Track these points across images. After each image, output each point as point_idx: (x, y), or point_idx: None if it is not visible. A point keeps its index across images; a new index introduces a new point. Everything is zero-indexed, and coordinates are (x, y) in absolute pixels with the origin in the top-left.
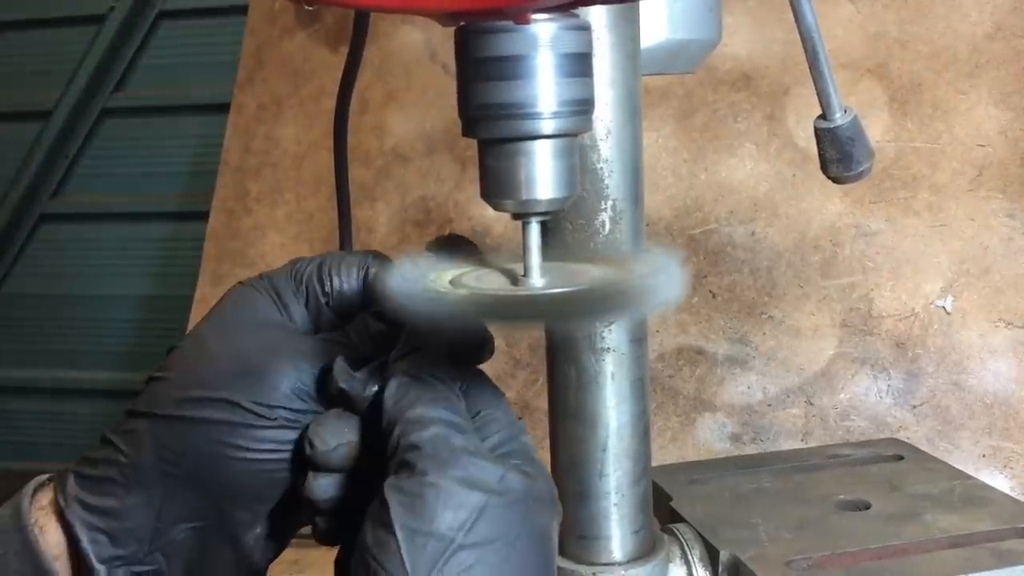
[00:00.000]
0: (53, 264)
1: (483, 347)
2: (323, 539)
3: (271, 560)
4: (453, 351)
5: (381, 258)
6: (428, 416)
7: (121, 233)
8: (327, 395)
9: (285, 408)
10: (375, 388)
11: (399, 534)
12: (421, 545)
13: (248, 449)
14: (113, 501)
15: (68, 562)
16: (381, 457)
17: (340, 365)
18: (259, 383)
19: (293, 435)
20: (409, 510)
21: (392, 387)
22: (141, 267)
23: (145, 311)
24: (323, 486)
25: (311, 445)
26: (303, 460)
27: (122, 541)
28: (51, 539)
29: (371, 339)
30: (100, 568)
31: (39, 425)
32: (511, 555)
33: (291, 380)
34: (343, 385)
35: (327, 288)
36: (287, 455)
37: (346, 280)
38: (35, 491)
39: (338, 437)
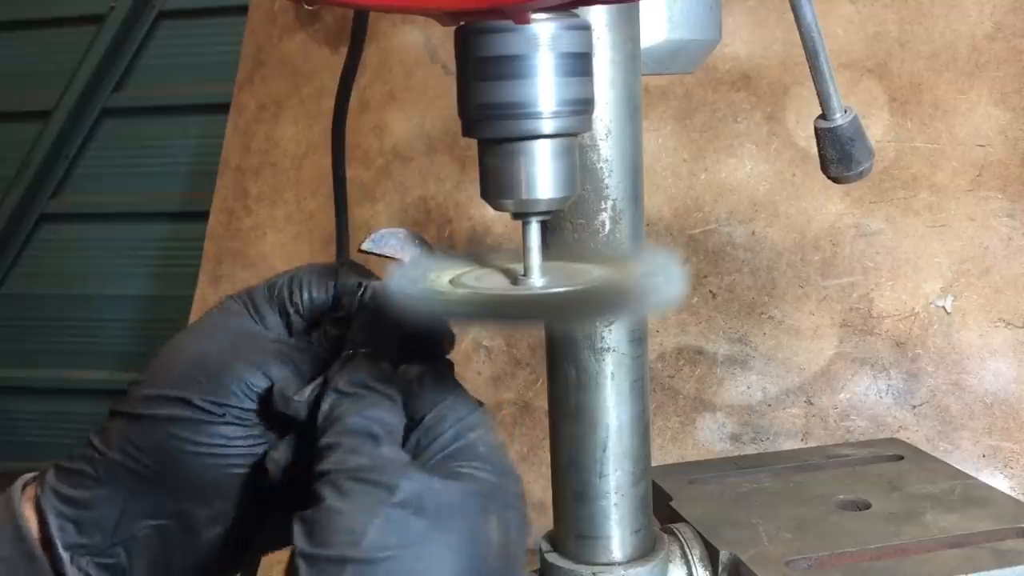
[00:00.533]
0: (53, 264)
1: (440, 340)
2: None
3: (235, 567)
4: (408, 346)
5: (353, 267)
6: (341, 441)
7: (121, 233)
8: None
9: (235, 406)
10: (313, 403)
11: (300, 564)
12: (319, 571)
13: (199, 443)
14: (83, 492)
15: (45, 551)
16: None
17: (278, 388)
18: (211, 382)
19: (243, 432)
20: (308, 537)
21: (324, 407)
22: (141, 267)
23: (145, 311)
24: (277, 456)
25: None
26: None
27: (87, 531)
28: (34, 527)
29: (330, 344)
30: (64, 555)
31: (39, 425)
32: (415, 565)
33: (242, 380)
34: (280, 409)
35: (295, 299)
36: (240, 451)
37: (316, 290)
38: (24, 485)
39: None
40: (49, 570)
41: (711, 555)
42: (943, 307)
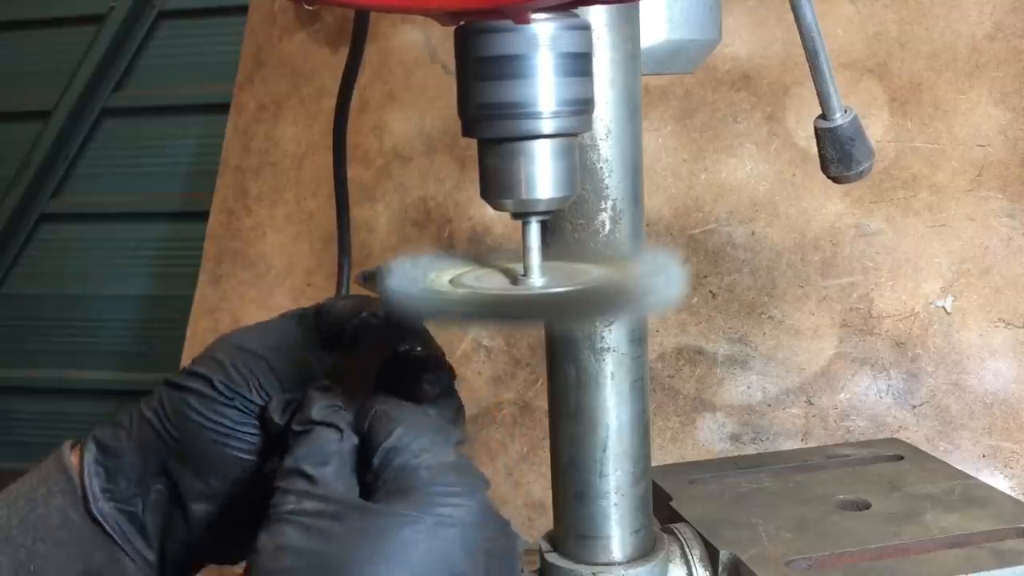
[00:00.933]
0: (53, 264)
1: (433, 369)
2: None
3: (224, 558)
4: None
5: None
6: (279, 485)
7: (121, 233)
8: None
9: (244, 396)
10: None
11: None
12: None
13: (205, 417)
14: (116, 442)
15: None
16: None
17: (268, 407)
18: (234, 370)
19: (246, 420)
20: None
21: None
22: (141, 267)
23: (145, 311)
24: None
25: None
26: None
27: (114, 477)
28: (76, 471)
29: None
30: (94, 494)
31: (39, 425)
32: None
33: (261, 377)
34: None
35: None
36: (240, 435)
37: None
38: (73, 444)
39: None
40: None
41: (711, 555)
42: (943, 307)
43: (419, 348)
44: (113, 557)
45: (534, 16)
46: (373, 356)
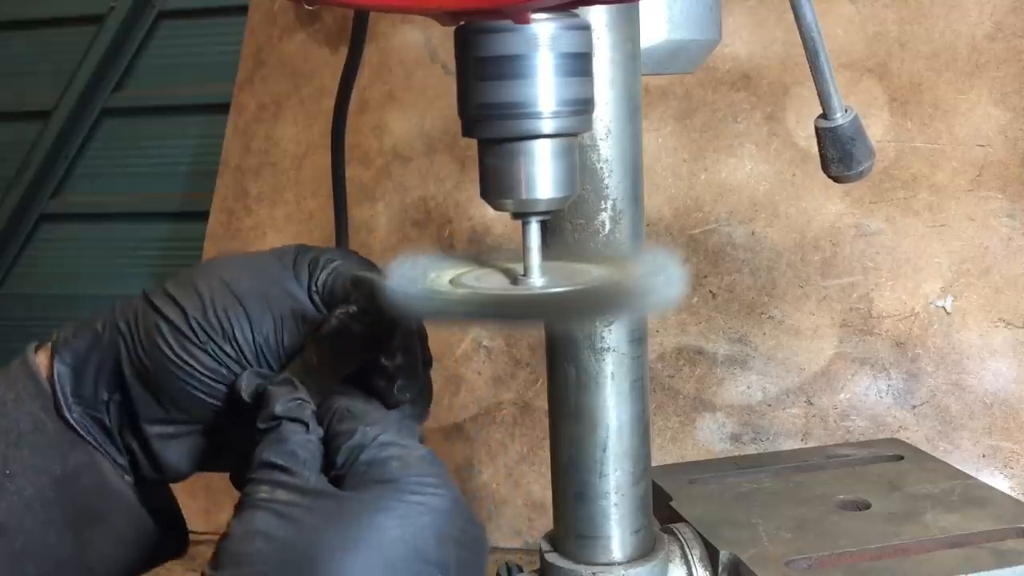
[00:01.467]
0: (53, 264)
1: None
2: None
3: (182, 475)
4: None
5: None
6: (252, 476)
7: (121, 233)
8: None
9: (215, 343)
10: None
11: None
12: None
13: (173, 351)
14: (84, 344)
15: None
16: None
17: (238, 380)
18: (212, 311)
19: (213, 364)
20: (210, 563)
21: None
22: (141, 267)
23: None
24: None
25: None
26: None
27: (82, 383)
28: (44, 371)
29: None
30: (65, 398)
31: None
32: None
33: (236, 326)
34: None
35: (320, 280)
36: (203, 378)
37: (338, 286)
38: (37, 347)
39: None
40: (55, 412)
41: (711, 555)
42: (943, 307)
43: (398, 356)
44: (89, 458)
45: (534, 16)
46: (347, 357)
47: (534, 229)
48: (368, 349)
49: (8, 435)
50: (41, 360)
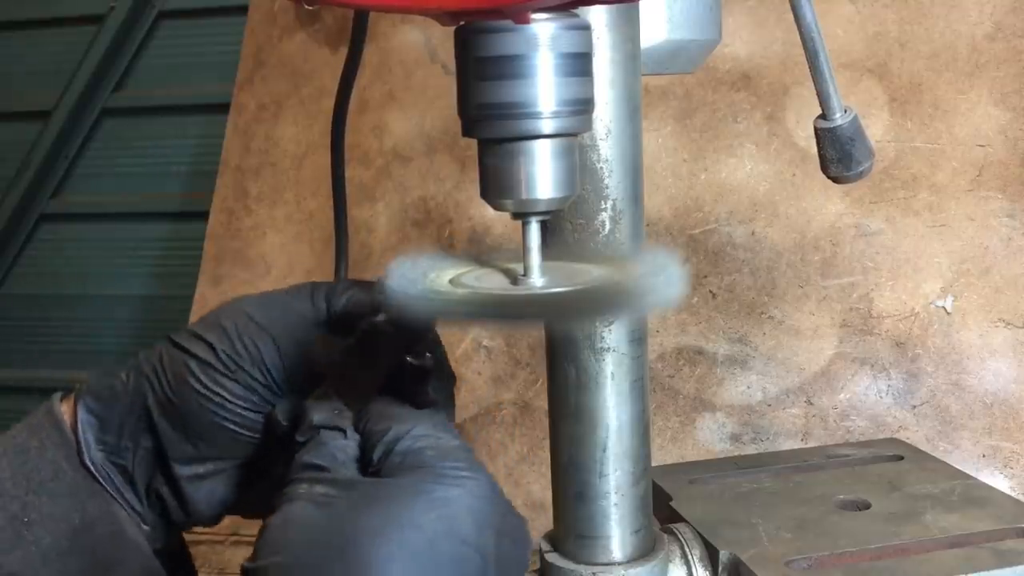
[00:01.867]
0: (53, 264)
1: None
2: None
3: (212, 517)
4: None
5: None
6: (293, 476)
7: (121, 233)
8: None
9: (245, 371)
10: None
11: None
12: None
13: (203, 385)
14: (111, 394)
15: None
16: None
17: (273, 410)
18: (239, 342)
19: (242, 393)
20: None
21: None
22: (141, 267)
23: (145, 311)
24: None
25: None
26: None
27: (106, 428)
28: (68, 420)
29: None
30: (87, 443)
31: None
32: (344, 568)
33: (264, 353)
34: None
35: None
36: (234, 408)
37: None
38: (63, 396)
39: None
40: (78, 459)
41: (711, 555)
42: (943, 307)
43: (428, 356)
44: (107, 507)
45: (534, 16)
46: (379, 361)
47: (534, 229)
48: (398, 351)
49: (29, 482)
50: (65, 409)
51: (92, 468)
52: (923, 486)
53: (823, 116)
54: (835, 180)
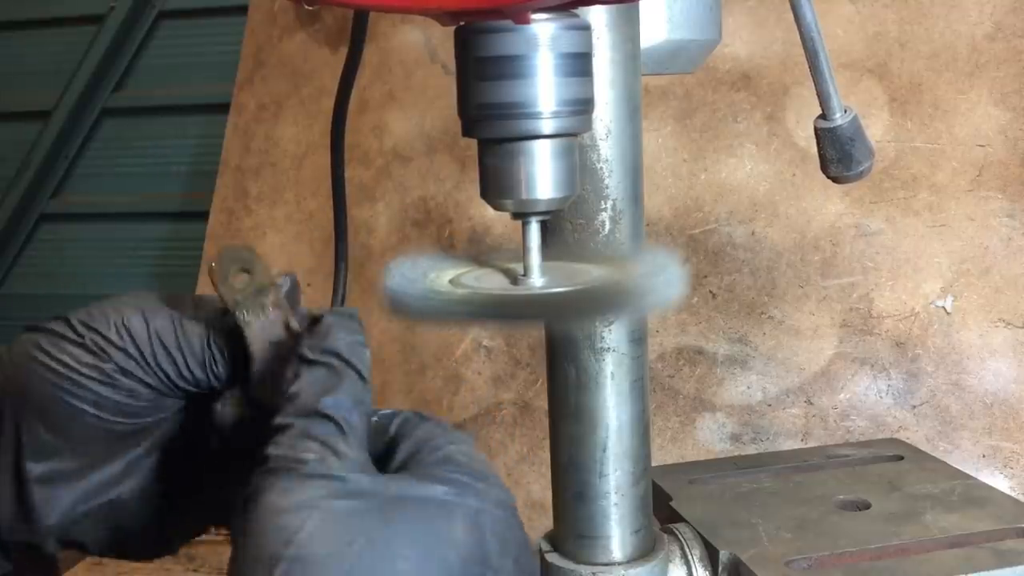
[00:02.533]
0: (53, 264)
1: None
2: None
3: (58, 532)
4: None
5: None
6: (295, 423)
7: (121, 233)
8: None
9: (99, 333)
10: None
11: (233, 560)
12: (250, 570)
13: (48, 356)
14: None
15: None
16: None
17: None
18: (96, 311)
19: (91, 360)
20: (242, 529)
21: (288, 374)
22: (141, 267)
23: None
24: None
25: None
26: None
27: None
28: None
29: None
30: None
31: None
32: (361, 564)
33: (121, 315)
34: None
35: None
36: (87, 382)
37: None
38: None
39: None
40: None
41: (711, 555)
42: (943, 307)
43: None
44: None
45: (534, 16)
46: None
47: (534, 229)
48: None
49: None
50: None
51: None
52: (923, 486)
53: (823, 116)
54: (835, 180)
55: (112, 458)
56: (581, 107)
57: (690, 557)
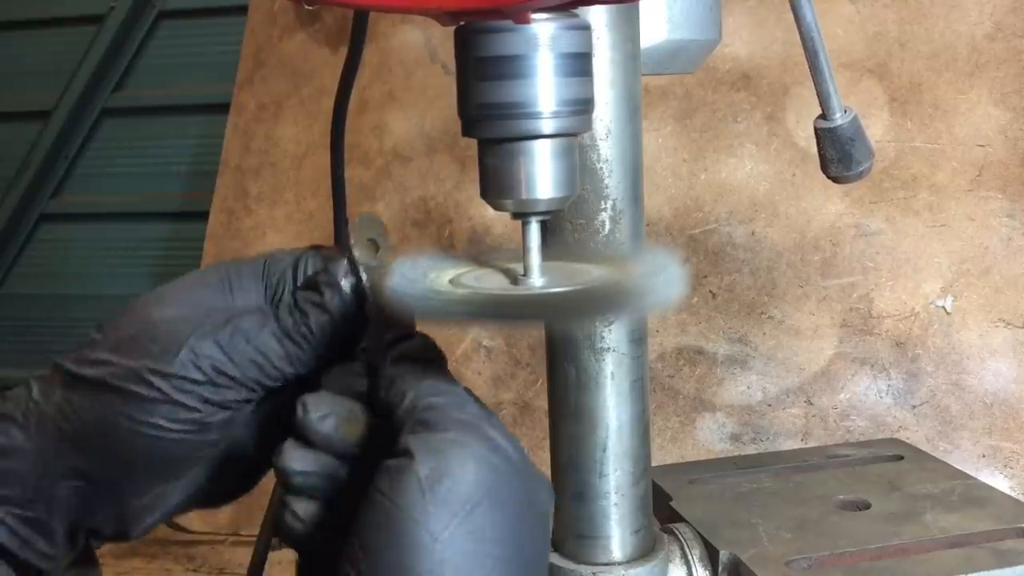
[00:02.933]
0: (53, 264)
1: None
2: (292, 533)
3: (146, 530)
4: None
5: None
6: (439, 387)
7: (121, 233)
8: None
9: (179, 376)
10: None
11: (424, 484)
12: (443, 497)
13: (136, 419)
14: (7, 440)
15: None
16: (366, 461)
17: (323, 273)
18: (162, 352)
19: (183, 414)
20: (434, 462)
21: (390, 371)
22: (141, 267)
23: None
24: (298, 457)
25: (304, 409)
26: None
27: (7, 481)
28: None
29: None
30: None
31: None
32: (520, 522)
33: (190, 349)
34: (323, 285)
35: (290, 281)
36: (175, 434)
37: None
38: None
39: (332, 406)
40: None
41: (711, 555)
42: (943, 307)
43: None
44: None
45: (534, 16)
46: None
47: (534, 229)
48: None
49: None
50: None
51: None
52: (923, 486)
53: (823, 116)
54: (835, 180)
55: (192, 466)
56: (581, 107)
57: (690, 557)
